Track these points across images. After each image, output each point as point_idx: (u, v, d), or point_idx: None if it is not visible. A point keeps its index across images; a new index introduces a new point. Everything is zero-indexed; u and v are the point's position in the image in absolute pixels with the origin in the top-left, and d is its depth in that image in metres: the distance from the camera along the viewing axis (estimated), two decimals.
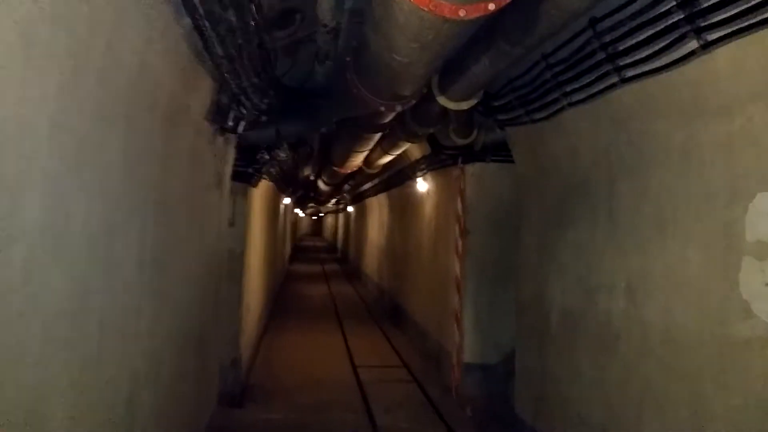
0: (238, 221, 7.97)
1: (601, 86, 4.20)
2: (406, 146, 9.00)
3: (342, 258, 33.53)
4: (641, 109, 4.01)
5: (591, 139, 4.75)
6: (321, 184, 17.87)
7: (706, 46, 3.16)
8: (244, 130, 5.57)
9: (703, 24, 3.11)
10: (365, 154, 10.03)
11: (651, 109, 3.91)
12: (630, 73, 3.88)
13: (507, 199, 8.07)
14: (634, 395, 4.10)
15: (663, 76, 3.61)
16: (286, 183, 13.42)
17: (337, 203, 33.66)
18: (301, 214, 42.91)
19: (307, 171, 15.12)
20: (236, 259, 7.91)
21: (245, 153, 7.05)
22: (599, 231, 4.67)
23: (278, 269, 18.38)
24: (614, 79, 4.02)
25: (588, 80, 4.32)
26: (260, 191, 9.83)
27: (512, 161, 7.22)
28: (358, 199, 23.21)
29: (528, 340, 6.15)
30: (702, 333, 3.45)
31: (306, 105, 6.46)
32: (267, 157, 7.79)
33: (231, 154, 6.12)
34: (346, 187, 19.62)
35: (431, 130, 7.18)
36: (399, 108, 5.40)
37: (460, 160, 8.44)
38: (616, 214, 4.42)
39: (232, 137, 5.78)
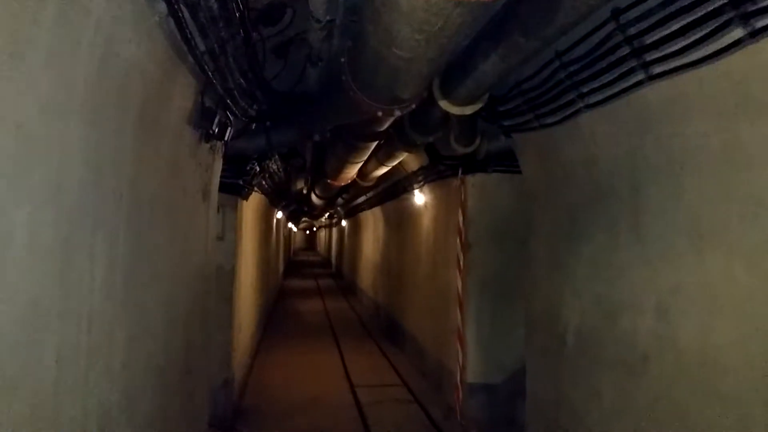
0: (228, 236, 7.59)
1: (625, 85, 3.80)
2: (403, 156, 8.63)
3: (336, 273, 33.17)
4: (672, 109, 3.61)
5: (611, 144, 4.35)
6: (314, 198, 17.53)
7: (755, 34, 2.77)
8: (232, 138, 5.18)
9: (752, 8, 2.73)
10: (360, 165, 9.66)
11: (684, 109, 3.52)
12: (659, 68, 3.48)
13: (510, 211, 7.74)
14: (666, 423, 3.68)
15: (698, 72, 3.22)
16: (278, 196, 13.07)
17: (330, 217, 33.32)
18: (294, 228, 42.57)
19: (300, 184, 14.80)
20: (226, 275, 7.54)
21: (234, 163, 6.66)
22: (621, 244, 4.26)
23: (272, 285, 17.98)
24: (640, 76, 3.63)
25: (609, 79, 3.92)
26: (252, 204, 9.46)
27: (516, 171, 6.86)
28: (352, 213, 22.86)
29: (540, 362, 5.72)
30: (749, 356, 3.05)
31: (298, 111, 6.06)
32: (258, 168, 7.41)
33: (218, 164, 5.70)
34: (340, 200, 19.30)
35: (431, 139, 6.79)
36: (398, 113, 5.01)
37: (460, 171, 8.07)
38: (642, 225, 4.01)
39: (219, 145, 5.37)
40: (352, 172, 10.35)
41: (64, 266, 2.30)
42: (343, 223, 28.65)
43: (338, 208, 23.72)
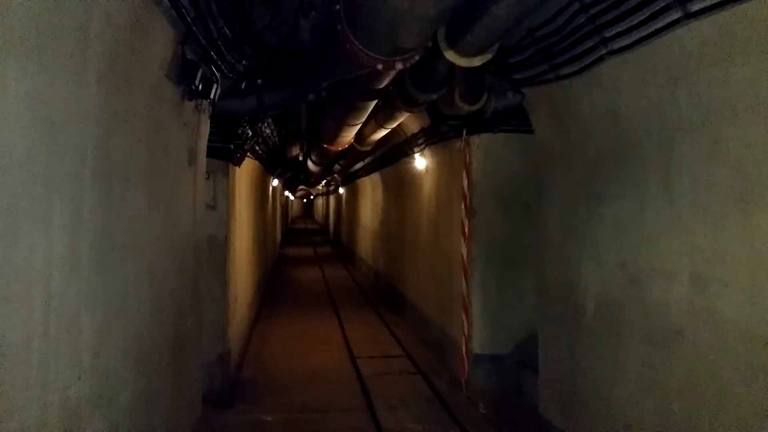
0: (220, 204, 7.19)
1: (657, 26, 3.38)
2: (403, 117, 8.19)
3: (334, 240, 32.91)
4: (711, 53, 3.19)
5: (638, 95, 3.93)
6: (310, 164, 17.09)
7: None
8: (220, 97, 4.74)
9: None
10: (358, 128, 9.22)
11: (726, 52, 3.10)
12: (699, 5, 3.06)
13: (518, 173, 7.37)
14: (704, 402, 3.34)
15: (746, 7, 2.81)
16: (273, 163, 12.65)
17: (327, 185, 32.91)
18: (291, 196, 42.22)
19: (296, 150, 14.37)
20: (219, 246, 7.17)
21: (224, 126, 6.22)
22: (650, 206, 3.86)
23: (269, 254, 17.66)
24: (677, 14, 3.20)
25: (638, 20, 3.49)
26: (245, 171, 9.05)
27: (524, 131, 6.45)
28: (349, 179, 22.47)
29: (554, 332, 5.37)
30: None
31: (291, 68, 5.60)
32: (250, 132, 6.97)
33: (205, 126, 5.25)
34: (337, 167, 18.89)
35: (434, 96, 6.34)
36: (399, 65, 4.59)
37: (464, 132, 7.62)
38: (675, 184, 3.60)
39: (206, 105, 4.93)
40: (349, 135, 9.93)
41: (4, 242, 1.90)
42: (341, 190, 28.31)
43: (335, 175, 23.33)
